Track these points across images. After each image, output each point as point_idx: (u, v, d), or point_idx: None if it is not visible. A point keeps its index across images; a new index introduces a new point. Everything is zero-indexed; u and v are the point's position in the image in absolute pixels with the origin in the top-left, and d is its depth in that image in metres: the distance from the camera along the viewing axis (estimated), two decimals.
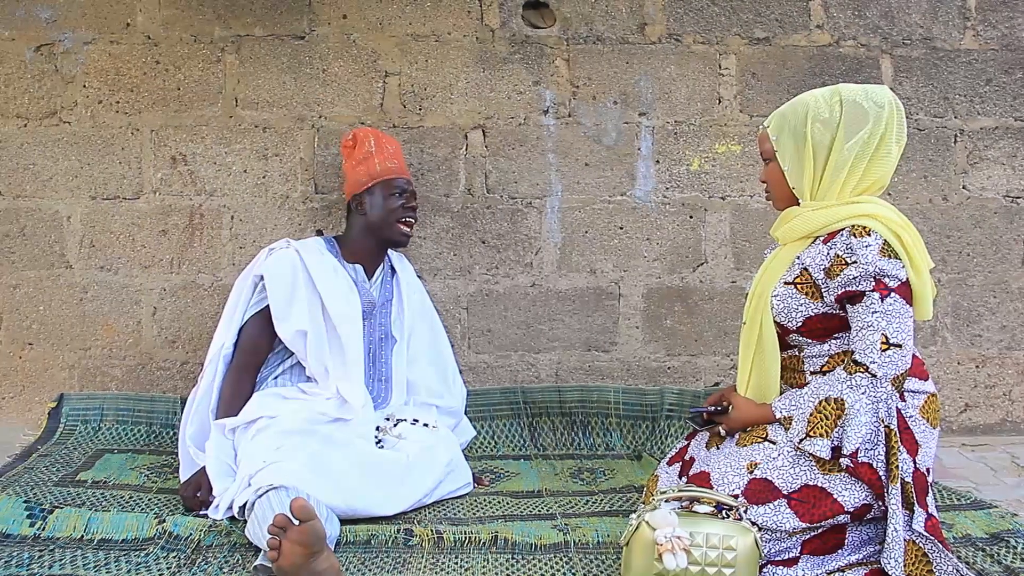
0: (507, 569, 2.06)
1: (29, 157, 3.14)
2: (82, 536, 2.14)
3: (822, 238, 2.07)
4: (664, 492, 1.98)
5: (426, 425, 2.60)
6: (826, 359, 2.09)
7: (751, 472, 2.02)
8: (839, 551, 2.01)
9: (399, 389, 2.76)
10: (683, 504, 1.90)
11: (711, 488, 2.02)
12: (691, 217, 3.26)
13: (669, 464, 2.28)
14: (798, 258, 2.10)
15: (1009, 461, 3.04)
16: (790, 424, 2.02)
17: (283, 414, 2.35)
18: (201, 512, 2.31)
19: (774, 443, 2.04)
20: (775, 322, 2.10)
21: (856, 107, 2.02)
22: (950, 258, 3.31)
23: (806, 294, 2.06)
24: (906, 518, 1.93)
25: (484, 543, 2.16)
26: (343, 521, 2.19)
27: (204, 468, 2.39)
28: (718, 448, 2.16)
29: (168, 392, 3.17)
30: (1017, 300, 3.34)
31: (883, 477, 1.92)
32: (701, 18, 3.23)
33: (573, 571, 2.04)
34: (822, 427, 1.96)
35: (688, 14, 3.22)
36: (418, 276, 3.04)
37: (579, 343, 3.27)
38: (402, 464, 2.40)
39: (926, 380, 2.11)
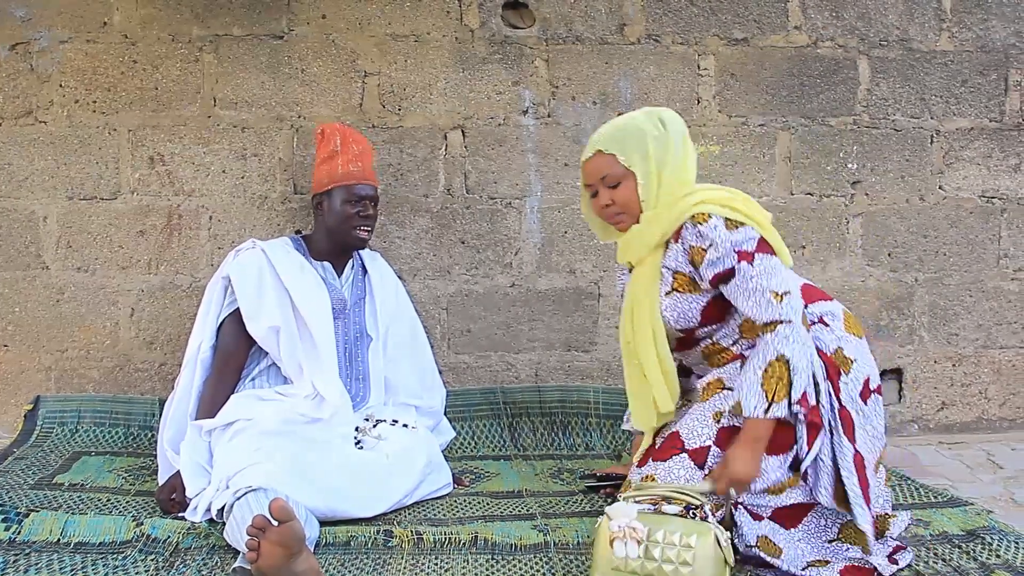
0: (487, 570, 2.06)
1: (4, 157, 3.11)
2: (59, 540, 2.11)
3: (671, 239, 2.18)
4: (635, 491, 1.99)
5: (405, 426, 2.59)
6: (738, 329, 2.21)
7: (718, 422, 2.11)
8: (795, 528, 2.07)
9: (377, 387, 2.76)
10: (654, 508, 1.90)
11: (682, 445, 2.10)
12: None
13: (639, 466, 2.27)
14: (664, 267, 2.19)
15: (985, 459, 3.08)
16: (740, 408, 2.04)
17: (261, 416, 2.34)
18: (178, 515, 2.30)
19: (732, 389, 2.12)
20: (677, 330, 2.20)
21: (671, 124, 2.21)
22: (927, 257, 3.34)
23: (690, 291, 2.16)
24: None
25: (464, 544, 2.15)
26: (322, 523, 2.18)
27: (180, 471, 2.38)
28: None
29: (146, 394, 3.15)
30: (992, 299, 3.37)
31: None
32: (680, 19, 3.24)
33: (553, 571, 2.04)
34: (782, 389, 1.98)
35: (667, 15, 3.23)
36: (398, 276, 3.03)
37: (559, 343, 3.27)
38: (382, 465, 2.40)
39: (832, 300, 2.26)
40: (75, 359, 3.17)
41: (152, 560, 2.05)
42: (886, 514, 2.14)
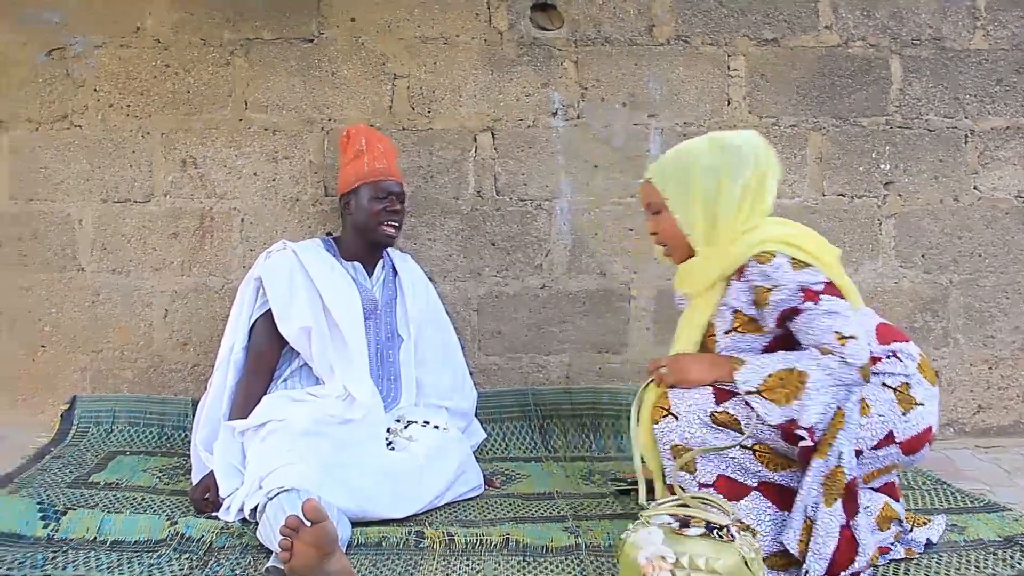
0: (519, 571, 2.05)
1: (41, 160, 3.16)
2: (95, 538, 2.14)
3: (734, 276, 2.08)
4: (659, 504, 1.94)
5: (437, 427, 2.60)
6: None
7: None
8: (781, 512, 2.03)
9: (408, 388, 2.76)
10: (674, 526, 1.83)
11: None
12: None
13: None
14: (724, 305, 2.10)
15: (1023, 463, 3.03)
16: (740, 366, 2.00)
17: (293, 417, 2.35)
18: (212, 514, 2.32)
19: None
20: None
21: (736, 151, 2.09)
22: (961, 259, 3.30)
23: (750, 332, 2.08)
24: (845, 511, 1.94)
25: (495, 545, 2.15)
26: (354, 523, 2.19)
27: (213, 471, 2.40)
28: None
29: (180, 394, 3.18)
30: None
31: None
32: (709, 19, 3.23)
33: (584, 573, 2.04)
34: (779, 393, 1.95)
35: (696, 15, 3.22)
36: (429, 278, 3.04)
37: (589, 345, 3.26)
38: (413, 466, 2.41)
39: (910, 342, 2.14)
40: (110, 360, 3.21)
41: (186, 559, 2.07)
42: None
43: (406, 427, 2.57)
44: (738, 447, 2.02)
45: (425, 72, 3.19)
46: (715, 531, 1.80)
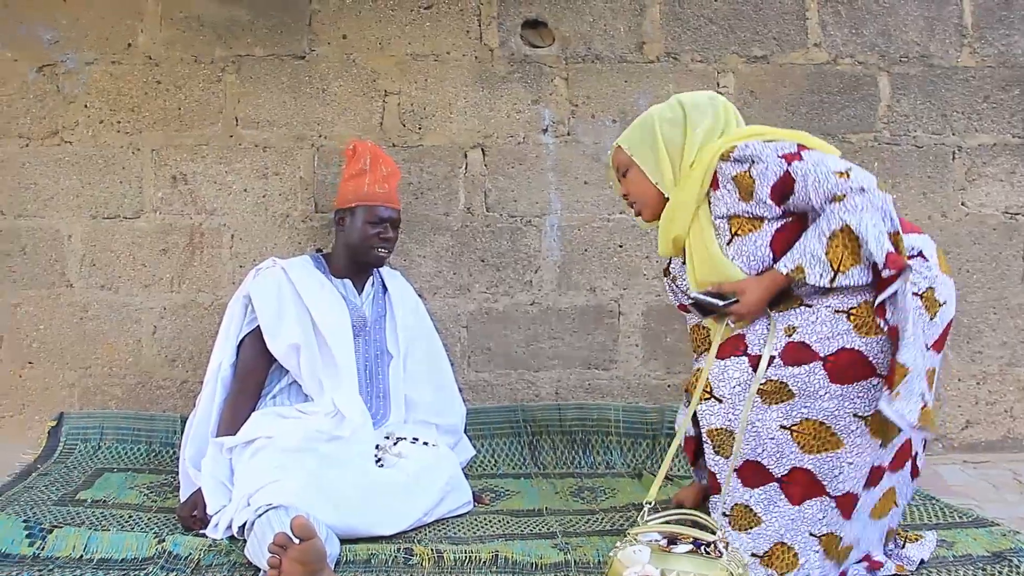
0: None
1: (30, 177, 3.15)
2: (81, 555, 2.13)
3: (711, 188, 2.13)
4: (647, 523, 1.94)
5: (426, 444, 2.60)
6: None
7: (789, 336, 2.02)
8: (797, 507, 1.99)
9: (397, 405, 2.76)
10: (661, 543, 1.85)
11: (745, 348, 2.04)
12: None
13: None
14: (716, 218, 2.13)
15: (1011, 478, 3.03)
16: (802, 273, 1.98)
17: (281, 433, 2.35)
18: (200, 532, 2.30)
19: (811, 306, 2.03)
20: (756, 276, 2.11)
21: (694, 104, 2.21)
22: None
23: (752, 230, 2.09)
24: None
25: (484, 562, 2.15)
26: (343, 540, 2.18)
27: (201, 488, 2.39)
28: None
29: (168, 411, 3.17)
30: (1017, 316, 3.34)
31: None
32: (699, 36, 3.25)
33: None
34: (849, 257, 1.94)
35: (686, 33, 3.24)
36: (419, 295, 3.04)
37: (579, 361, 3.26)
38: (402, 483, 2.40)
39: (923, 234, 2.19)
40: (98, 376, 3.19)
41: None
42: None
43: (395, 444, 2.57)
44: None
45: (416, 89, 3.20)
46: (702, 548, 1.80)
